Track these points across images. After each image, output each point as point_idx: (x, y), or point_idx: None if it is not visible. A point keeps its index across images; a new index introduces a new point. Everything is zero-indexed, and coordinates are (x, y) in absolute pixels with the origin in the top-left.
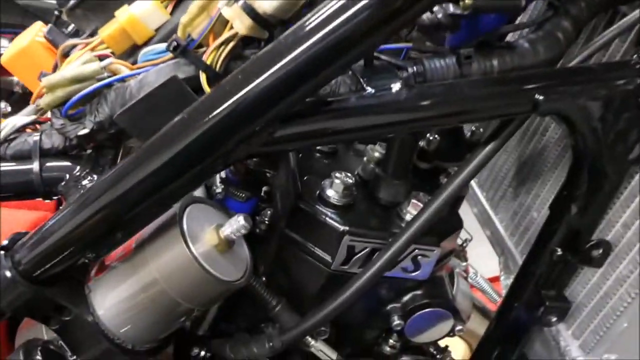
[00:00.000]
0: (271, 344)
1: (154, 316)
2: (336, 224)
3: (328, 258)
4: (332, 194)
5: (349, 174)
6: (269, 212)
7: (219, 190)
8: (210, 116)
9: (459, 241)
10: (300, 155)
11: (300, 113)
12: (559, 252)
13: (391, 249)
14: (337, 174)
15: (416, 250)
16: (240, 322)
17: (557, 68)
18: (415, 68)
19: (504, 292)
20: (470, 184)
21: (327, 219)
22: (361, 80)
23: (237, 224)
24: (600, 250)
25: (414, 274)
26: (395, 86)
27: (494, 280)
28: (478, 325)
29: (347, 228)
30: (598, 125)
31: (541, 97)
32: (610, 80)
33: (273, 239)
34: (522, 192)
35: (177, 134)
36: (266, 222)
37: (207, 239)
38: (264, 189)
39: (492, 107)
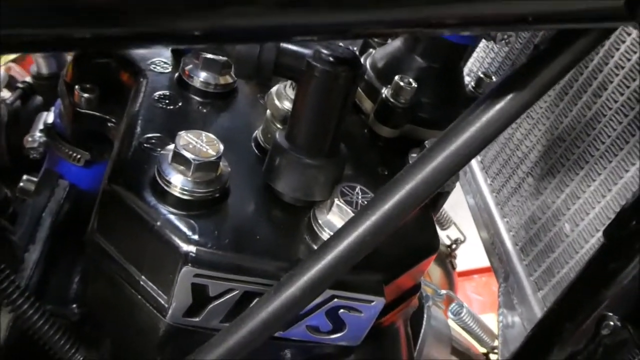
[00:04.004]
0: None
1: None
2: (174, 240)
3: (162, 300)
4: (175, 177)
5: (212, 138)
6: None
7: (34, 144)
8: None
9: (447, 241)
10: (162, 95)
11: None
12: (615, 321)
13: (275, 302)
14: (189, 136)
15: (336, 301)
16: None
17: None
18: None
19: (500, 336)
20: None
21: (160, 226)
22: None
23: None
24: None
25: (332, 336)
26: None
27: (484, 271)
28: None
29: (192, 250)
30: None
31: None
32: None
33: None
34: (549, 187)
35: None
36: None
37: None
38: None
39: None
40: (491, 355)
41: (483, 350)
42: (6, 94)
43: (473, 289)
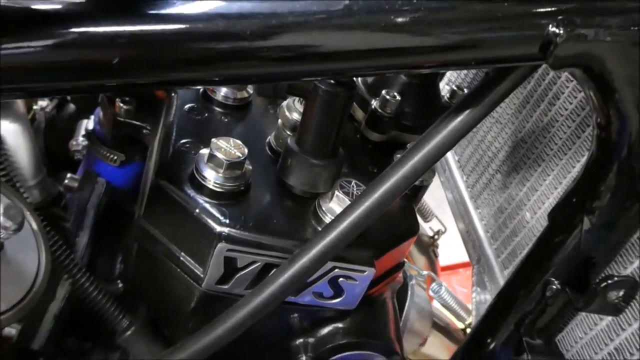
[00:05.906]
0: None
1: None
2: (210, 223)
3: (198, 271)
4: (209, 174)
5: (239, 143)
6: None
7: (78, 147)
8: None
9: (430, 232)
10: (191, 107)
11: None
12: (556, 285)
13: (289, 271)
14: (221, 142)
15: (336, 271)
16: (93, 339)
17: None
18: None
19: (474, 311)
20: (446, 161)
21: (198, 212)
22: None
23: None
24: (621, 292)
25: (333, 301)
26: None
27: (469, 265)
28: (437, 350)
29: (224, 231)
30: None
31: (559, 31)
32: None
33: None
34: (514, 181)
35: None
36: None
37: None
38: None
39: (455, 44)
40: (468, 330)
41: (461, 326)
42: (43, 102)
43: (459, 281)
